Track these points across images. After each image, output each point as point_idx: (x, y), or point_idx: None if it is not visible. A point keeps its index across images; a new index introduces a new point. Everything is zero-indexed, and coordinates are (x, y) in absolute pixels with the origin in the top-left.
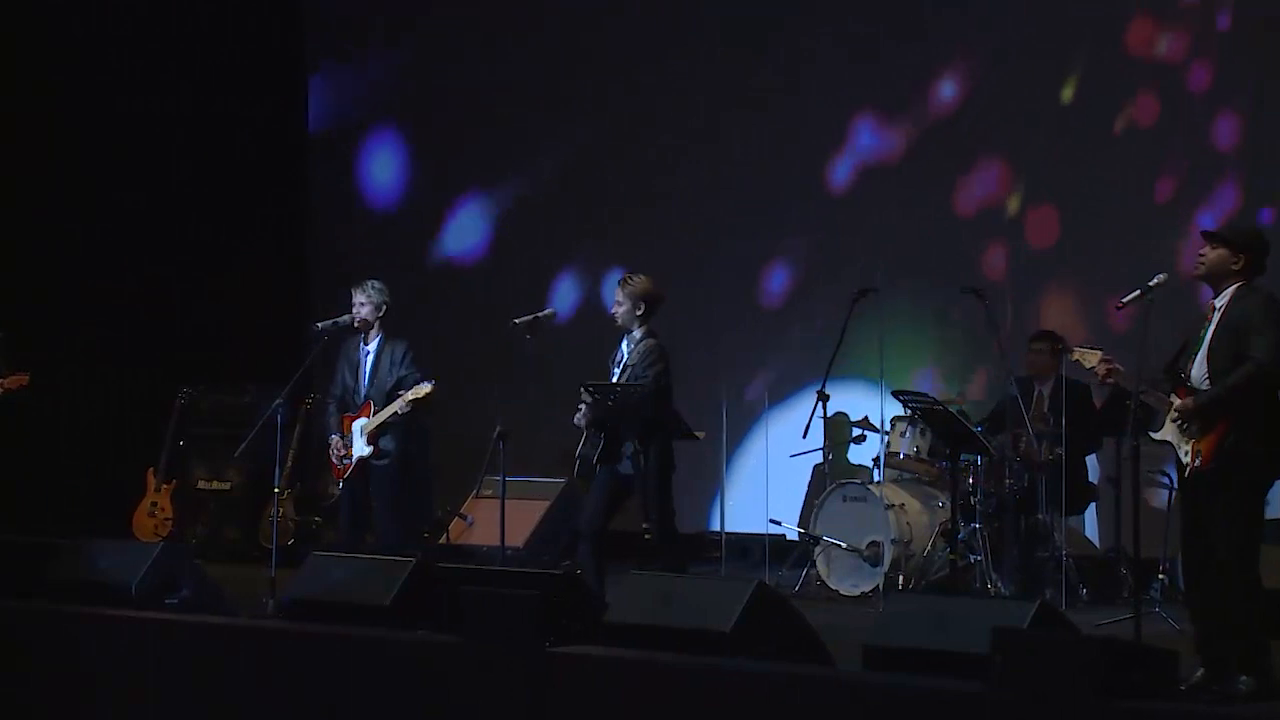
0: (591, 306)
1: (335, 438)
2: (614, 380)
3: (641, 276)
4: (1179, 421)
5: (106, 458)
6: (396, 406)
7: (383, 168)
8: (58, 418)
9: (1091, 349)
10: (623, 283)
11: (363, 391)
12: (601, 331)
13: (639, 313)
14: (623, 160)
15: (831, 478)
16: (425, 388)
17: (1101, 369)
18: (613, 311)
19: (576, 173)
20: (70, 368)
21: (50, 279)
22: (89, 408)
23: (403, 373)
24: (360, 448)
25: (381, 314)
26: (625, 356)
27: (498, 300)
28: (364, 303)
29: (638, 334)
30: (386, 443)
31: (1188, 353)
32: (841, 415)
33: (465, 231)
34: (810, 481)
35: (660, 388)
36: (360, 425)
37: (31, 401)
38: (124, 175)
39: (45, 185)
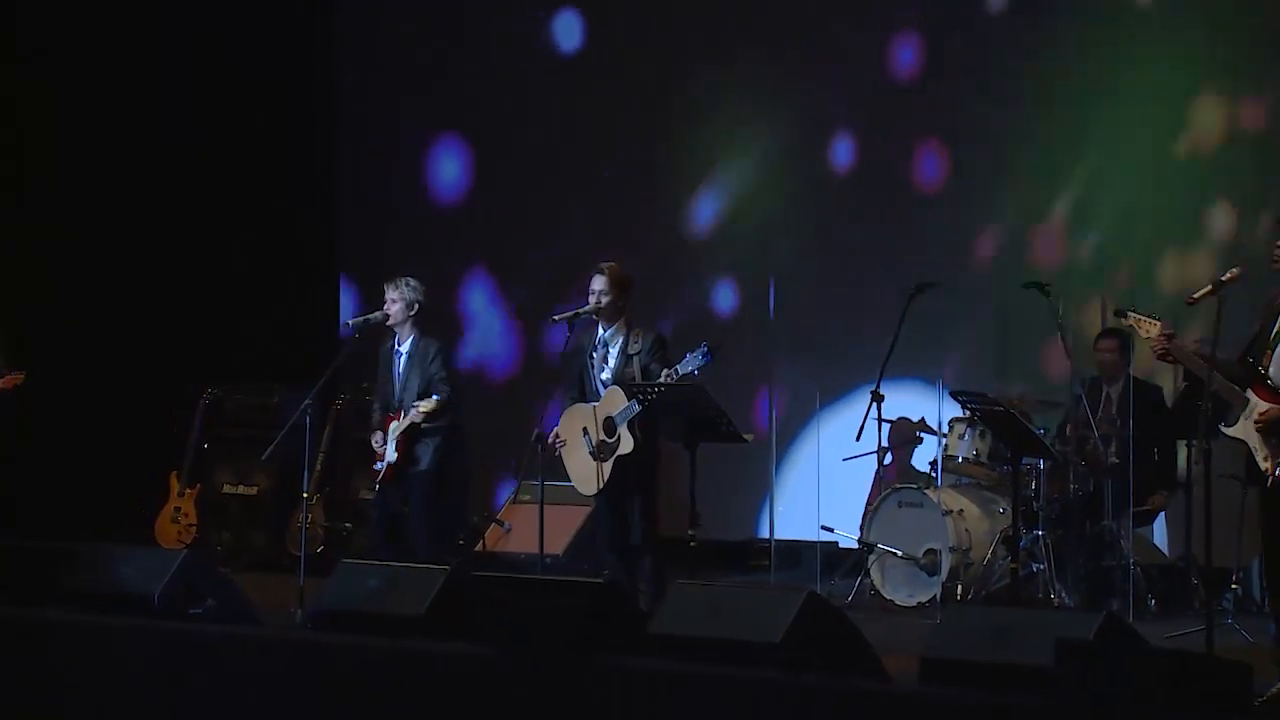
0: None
1: (376, 434)
2: (614, 369)
3: (615, 264)
4: (1261, 427)
5: (128, 461)
6: (412, 418)
7: (416, 164)
8: (78, 419)
9: (1153, 319)
10: (606, 271)
11: (397, 393)
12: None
13: (620, 303)
14: (669, 153)
15: (887, 482)
16: (429, 403)
17: (1159, 343)
18: (596, 303)
19: (621, 170)
20: (92, 367)
21: (72, 275)
22: (110, 408)
23: (432, 372)
24: (390, 452)
25: (413, 312)
26: (614, 346)
27: (535, 298)
28: (395, 299)
29: (622, 323)
30: (421, 449)
31: (1259, 344)
32: (904, 420)
33: (500, 229)
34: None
35: None
36: (394, 428)
37: (48, 401)
38: (147, 167)
39: (67, 176)
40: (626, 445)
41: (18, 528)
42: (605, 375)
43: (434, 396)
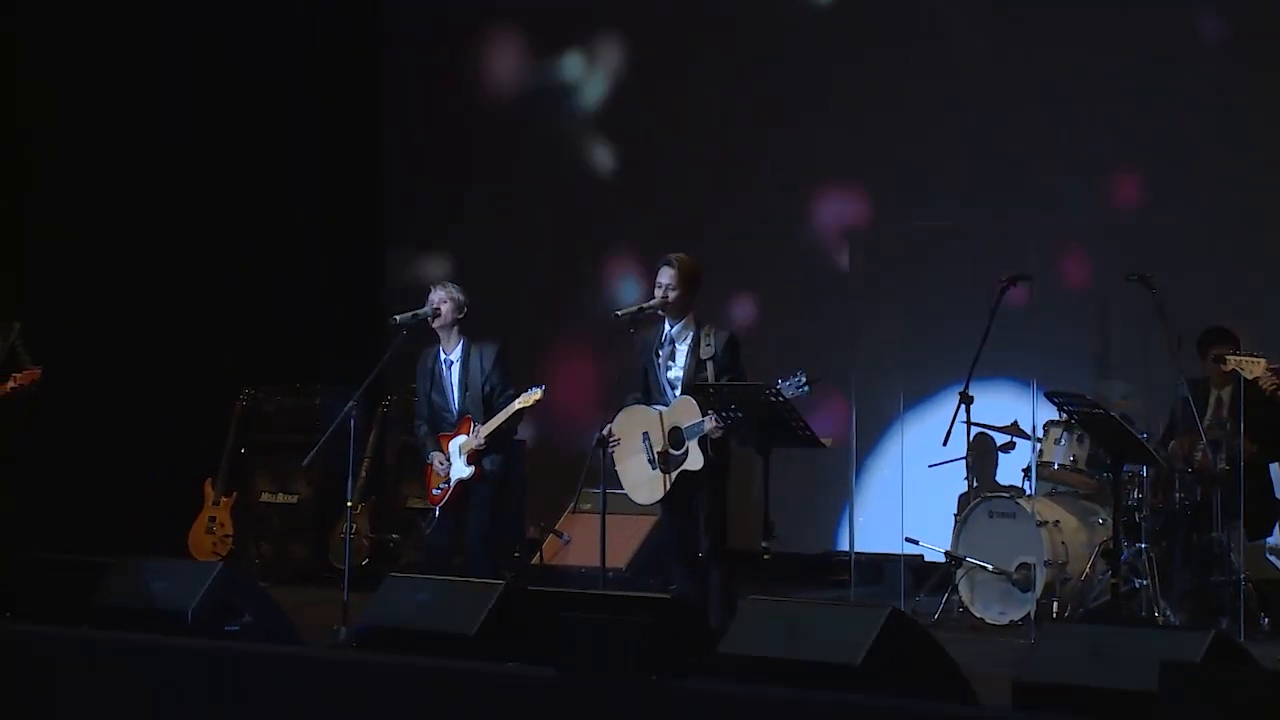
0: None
1: (437, 455)
2: (683, 369)
3: (684, 255)
4: None
5: (159, 468)
6: (502, 419)
7: (464, 150)
8: (106, 424)
9: (1254, 357)
10: (675, 263)
11: (454, 406)
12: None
13: (689, 297)
14: (744, 143)
15: (976, 491)
16: (535, 394)
17: (1269, 381)
18: (663, 297)
19: (694, 154)
20: (120, 367)
21: (99, 267)
22: (141, 413)
23: (496, 380)
24: (460, 469)
25: (462, 315)
26: (681, 343)
27: (595, 293)
28: (445, 299)
29: (690, 318)
30: (489, 462)
31: None
32: (983, 432)
33: (556, 221)
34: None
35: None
36: (459, 444)
37: (74, 406)
38: (172, 161)
39: (83, 174)
40: (694, 462)
41: (44, 540)
42: (673, 374)
43: (533, 390)
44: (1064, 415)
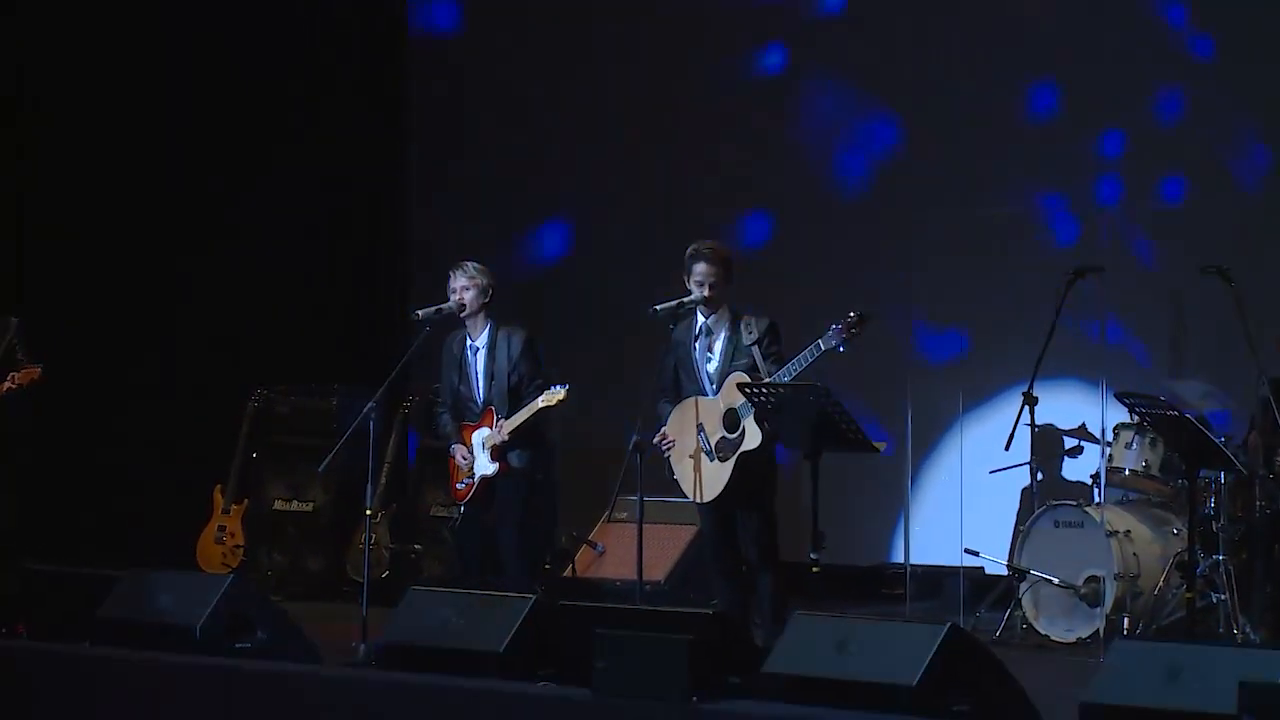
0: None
1: (460, 449)
2: (722, 361)
3: (715, 243)
4: None
5: (166, 473)
6: (524, 416)
7: (495, 137)
8: (109, 427)
9: None
10: (711, 254)
11: (479, 396)
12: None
13: (725, 287)
14: (794, 127)
15: (1041, 499)
16: (558, 393)
17: None
18: (706, 294)
19: (737, 136)
20: (124, 368)
21: (100, 267)
22: (146, 414)
23: (524, 370)
24: (484, 465)
25: (488, 299)
26: (718, 336)
27: (633, 288)
28: (467, 286)
29: (725, 309)
30: (516, 458)
31: None
32: (1048, 426)
33: (595, 209)
34: (1019, 506)
35: None
36: (482, 437)
37: (76, 409)
38: (179, 147)
39: (93, 161)
40: (752, 439)
41: (44, 551)
42: (713, 366)
43: (555, 388)
44: (1135, 417)
